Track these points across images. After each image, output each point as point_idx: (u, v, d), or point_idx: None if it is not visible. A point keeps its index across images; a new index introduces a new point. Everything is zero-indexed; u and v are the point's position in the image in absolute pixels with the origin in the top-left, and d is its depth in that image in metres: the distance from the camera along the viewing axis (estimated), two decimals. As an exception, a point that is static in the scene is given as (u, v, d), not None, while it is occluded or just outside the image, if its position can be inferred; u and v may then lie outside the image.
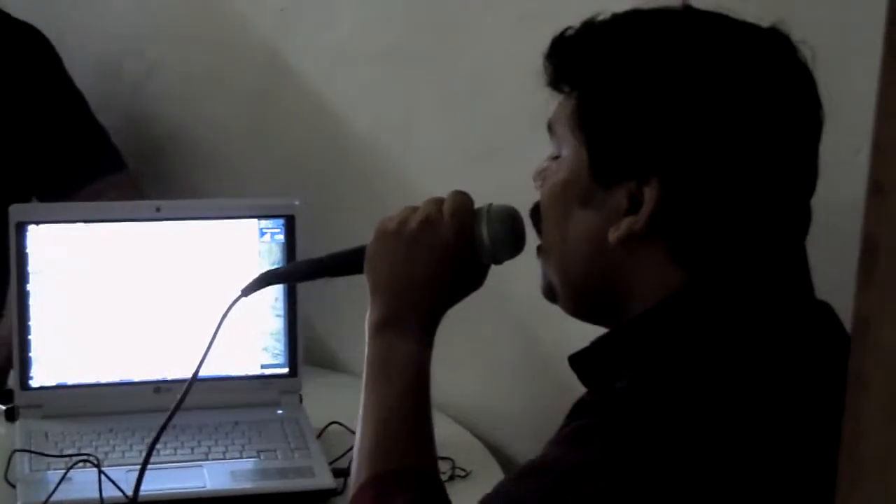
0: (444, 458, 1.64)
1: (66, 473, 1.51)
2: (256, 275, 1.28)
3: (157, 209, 1.70)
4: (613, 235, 0.98)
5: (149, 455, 1.27)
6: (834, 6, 1.36)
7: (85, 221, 1.68)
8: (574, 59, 1.01)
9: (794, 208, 0.99)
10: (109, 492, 1.47)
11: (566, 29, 1.02)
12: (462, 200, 1.16)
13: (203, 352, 1.25)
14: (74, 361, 1.70)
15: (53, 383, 1.69)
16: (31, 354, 1.68)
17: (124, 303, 1.70)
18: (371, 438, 1.14)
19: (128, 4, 2.21)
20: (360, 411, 1.17)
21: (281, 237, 1.72)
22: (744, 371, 0.93)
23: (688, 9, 1.01)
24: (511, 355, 1.85)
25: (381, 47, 1.91)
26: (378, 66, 1.92)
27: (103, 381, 1.70)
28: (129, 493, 1.46)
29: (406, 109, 1.90)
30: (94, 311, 1.69)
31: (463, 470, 1.65)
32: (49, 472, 1.54)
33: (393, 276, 1.16)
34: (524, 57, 1.05)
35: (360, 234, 1.27)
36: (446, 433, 1.78)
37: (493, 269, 1.20)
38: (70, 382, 1.69)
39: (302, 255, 1.71)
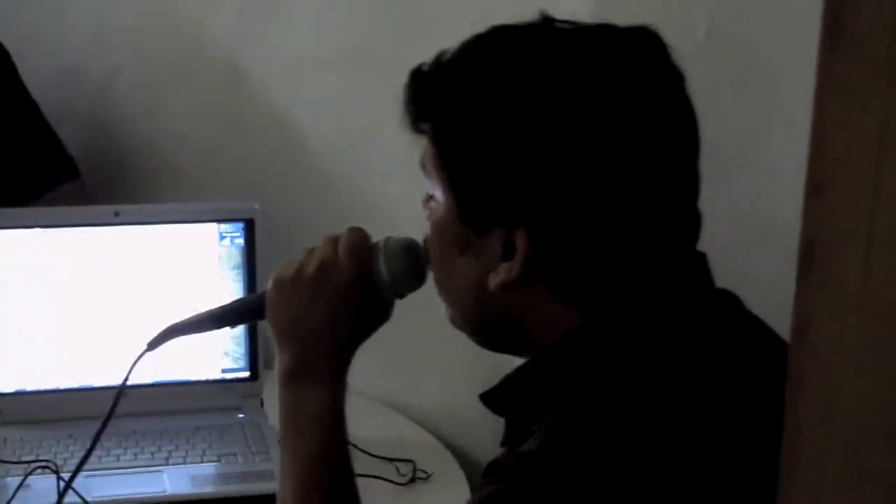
0: (405, 461, 1.65)
1: (24, 480, 1.50)
2: (161, 329, 1.25)
3: (116, 214, 1.70)
4: (492, 282, 0.95)
5: (93, 445, 1.26)
6: (778, 9, 1.38)
7: (43, 227, 1.67)
8: (429, 98, 0.98)
9: (677, 217, 0.96)
10: (69, 498, 1.46)
11: (421, 64, 0.99)
12: (357, 237, 1.13)
13: (114, 397, 1.24)
14: (33, 367, 1.69)
15: (12, 390, 1.68)
16: (-11, 361, 1.67)
17: (84, 308, 1.69)
18: (291, 494, 1.13)
19: (88, 12, 2.20)
20: (280, 463, 1.16)
21: (241, 241, 1.72)
22: (652, 416, 0.91)
23: (546, 23, 0.96)
24: (471, 357, 1.85)
25: (342, 53, 1.91)
26: (338, 72, 1.92)
27: (63, 386, 1.69)
28: (90, 499, 1.46)
29: (366, 115, 1.90)
30: (53, 316, 1.69)
31: (424, 472, 1.65)
32: (7, 478, 1.54)
33: (295, 324, 1.13)
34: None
35: (320, 238, 1.26)
36: (407, 435, 1.79)
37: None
38: (29, 389, 1.69)
39: (262, 258, 1.71)
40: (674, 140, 0.95)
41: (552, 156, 0.91)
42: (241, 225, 1.72)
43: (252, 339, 1.74)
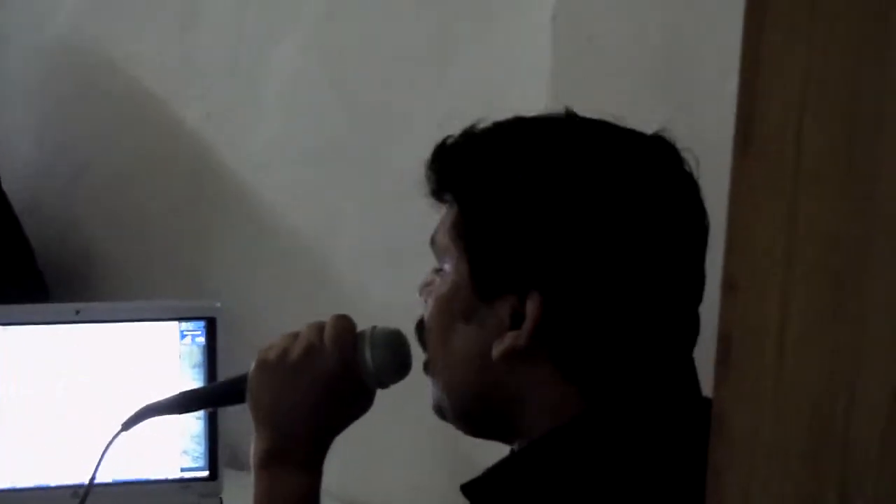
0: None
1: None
2: (136, 409, 1.23)
3: (77, 312, 1.70)
4: (496, 350, 0.96)
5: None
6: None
7: (2, 324, 1.67)
8: (454, 169, 1.01)
9: (681, 317, 0.99)
10: None
11: (447, 137, 1.02)
12: (343, 325, 1.13)
13: (88, 481, 1.22)
14: (-10, 466, 1.67)
15: (-32, 489, 1.67)
16: (-55, 460, 1.65)
17: (42, 406, 1.68)
18: None
19: (57, 108, 2.23)
20: None
21: (202, 339, 1.72)
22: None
23: (570, 117, 1.01)
24: (432, 450, 1.85)
25: (306, 151, 1.94)
26: (302, 170, 1.94)
27: (19, 486, 1.68)
28: None
29: (329, 212, 1.92)
30: (10, 414, 1.67)
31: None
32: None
33: (276, 408, 1.13)
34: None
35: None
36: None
37: (416, 362, 1.16)
38: (-15, 488, 1.67)
39: (223, 357, 1.71)
40: (685, 237, 0.98)
41: (570, 229, 0.94)
42: (202, 323, 1.72)
43: (212, 439, 1.73)
